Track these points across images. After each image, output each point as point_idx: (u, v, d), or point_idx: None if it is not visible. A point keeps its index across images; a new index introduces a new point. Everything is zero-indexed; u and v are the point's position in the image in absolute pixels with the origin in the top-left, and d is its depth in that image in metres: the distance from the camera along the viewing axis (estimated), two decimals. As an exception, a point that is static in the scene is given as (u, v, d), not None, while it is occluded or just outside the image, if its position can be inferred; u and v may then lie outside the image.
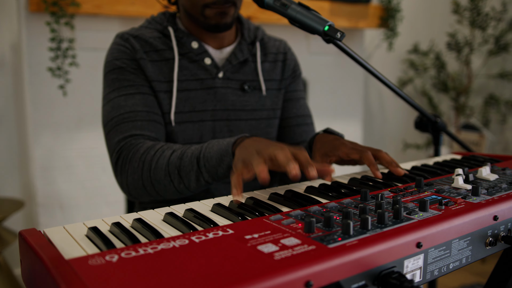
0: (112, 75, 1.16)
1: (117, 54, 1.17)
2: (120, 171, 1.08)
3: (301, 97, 1.37)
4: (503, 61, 3.27)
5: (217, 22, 1.15)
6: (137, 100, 1.13)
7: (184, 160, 0.98)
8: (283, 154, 0.79)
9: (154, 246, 0.56)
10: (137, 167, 1.04)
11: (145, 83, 1.16)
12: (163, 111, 1.17)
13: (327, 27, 1.00)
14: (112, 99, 1.14)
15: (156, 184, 1.03)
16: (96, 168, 2.63)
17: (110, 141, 1.12)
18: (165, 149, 1.03)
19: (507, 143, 3.31)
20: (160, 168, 1.01)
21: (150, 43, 1.18)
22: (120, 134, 1.10)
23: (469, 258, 0.72)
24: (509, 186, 0.83)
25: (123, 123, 1.10)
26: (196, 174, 0.97)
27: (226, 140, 0.94)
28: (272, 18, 2.68)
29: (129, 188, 1.08)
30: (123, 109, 1.12)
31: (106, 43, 2.53)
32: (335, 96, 3.19)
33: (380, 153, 0.99)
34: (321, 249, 0.55)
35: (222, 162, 0.93)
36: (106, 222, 0.70)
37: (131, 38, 1.18)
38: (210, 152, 0.95)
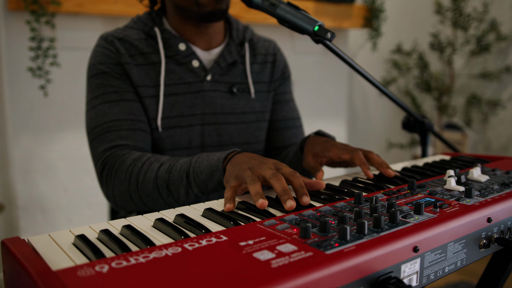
0: (96, 80, 1.13)
1: (101, 57, 1.13)
2: (106, 182, 1.06)
3: (290, 99, 1.36)
4: (484, 61, 3.31)
5: (212, 9, 1.11)
6: (122, 107, 1.10)
7: (173, 174, 0.96)
8: (279, 184, 0.76)
9: (146, 255, 0.54)
10: (124, 179, 1.02)
11: (130, 89, 1.12)
12: (150, 117, 1.14)
13: (317, 27, 0.99)
14: (96, 105, 1.11)
15: (144, 197, 1.01)
16: (79, 170, 2.58)
17: (95, 150, 1.09)
18: (153, 162, 1.00)
19: (488, 142, 3.36)
20: (148, 181, 0.99)
21: (135, 46, 1.15)
22: (105, 143, 1.07)
23: (464, 261, 0.71)
24: (501, 187, 0.83)
25: (108, 132, 1.08)
26: (186, 188, 0.95)
27: (216, 155, 0.92)
28: (257, 18, 2.66)
29: (116, 199, 1.06)
30: (108, 117, 1.09)
31: (88, 43, 2.49)
32: (320, 96, 3.19)
33: (371, 154, 0.99)
34: (319, 256, 0.54)
35: (212, 177, 0.91)
36: (93, 229, 0.67)
37: (115, 40, 1.14)
38: (200, 166, 0.93)
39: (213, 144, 1.20)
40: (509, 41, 3.15)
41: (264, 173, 0.80)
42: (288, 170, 0.82)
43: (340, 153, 0.99)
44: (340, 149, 1.00)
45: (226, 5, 1.14)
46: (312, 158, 1.03)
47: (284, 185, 0.76)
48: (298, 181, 0.79)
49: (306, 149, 1.08)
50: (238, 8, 2.57)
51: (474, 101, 3.29)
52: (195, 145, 1.18)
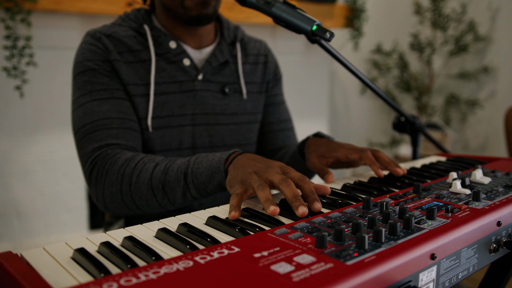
0: (83, 77, 1.07)
1: (88, 54, 1.08)
2: (96, 182, 1.00)
3: (282, 101, 1.33)
4: (462, 61, 3.36)
5: (198, 13, 1.08)
6: (112, 105, 1.05)
7: (169, 175, 0.91)
8: (289, 190, 0.74)
9: (156, 270, 0.50)
10: (116, 180, 0.97)
11: (119, 86, 1.08)
12: (139, 117, 1.09)
13: (315, 26, 0.96)
14: (84, 103, 1.05)
15: (137, 199, 0.96)
16: (56, 173, 2.50)
17: (83, 150, 1.03)
18: (147, 162, 0.95)
19: (467, 141, 3.41)
20: (142, 182, 0.94)
21: (124, 42, 1.10)
22: (94, 142, 1.02)
23: (475, 266, 0.70)
24: (505, 190, 0.82)
25: (97, 131, 1.02)
26: (183, 190, 0.90)
27: (217, 156, 0.88)
28: (239, 17, 2.63)
29: (106, 201, 1.00)
30: (97, 116, 1.04)
31: (66, 42, 2.41)
32: (302, 95, 3.18)
33: (378, 153, 0.98)
34: (340, 267, 0.51)
35: (212, 179, 0.87)
36: (91, 241, 0.63)
37: (103, 37, 1.09)
38: (199, 168, 0.88)
39: (204, 146, 1.16)
40: (486, 42, 3.20)
41: (272, 177, 0.77)
42: (296, 174, 0.79)
43: (348, 153, 0.98)
44: (348, 149, 0.98)
45: (213, 10, 1.10)
46: (317, 159, 1.01)
47: (295, 191, 0.74)
48: (309, 187, 0.76)
49: (309, 151, 1.05)
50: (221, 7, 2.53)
51: (453, 100, 3.33)
52: (186, 146, 1.14)
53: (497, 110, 3.16)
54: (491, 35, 3.18)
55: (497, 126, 3.17)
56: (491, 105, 3.21)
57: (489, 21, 3.18)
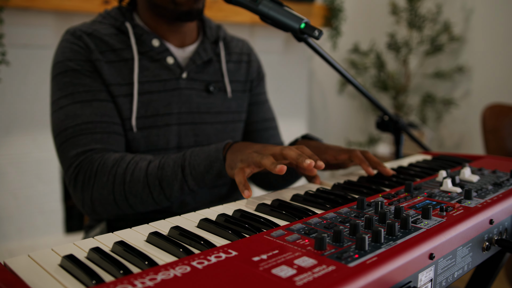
0: (64, 77, 1.03)
1: (69, 53, 1.04)
2: (82, 187, 0.97)
3: (266, 100, 1.33)
4: (438, 61, 3.41)
5: (189, 8, 1.06)
6: (95, 108, 1.02)
7: (165, 169, 0.92)
8: (293, 152, 0.79)
9: (152, 277, 0.47)
10: (107, 181, 0.95)
11: (102, 87, 1.04)
12: (123, 117, 1.06)
13: (304, 24, 0.95)
14: (65, 105, 1.02)
15: (131, 198, 0.95)
16: (30, 175, 2.42)
17: (65, 154, 1.00)
18: (138, 161, 0.96)
19: (442, 140, 3.46)
20: (137, 180, 0.93)
21: (106, 41, 1.06)
22: (78, 147, 0.99)
23: (469, 265, 0.70)
24: (495, 188, 0.82)
25: (81, 135, 1.00)
26: (180, 183, 0.92)
27: (213, 147, 0.91)
28: (218, 16, 2.60)
29: (94, 205, 0.97)
30: (80, 119, 1.00)
31: (39, 40, 2.34)
32: (280, 95, 3.17)
33: (367, 153, 0.99)
34: (343, 270, 0.50)
35: (211, 168, 0.90)
36: (79, 247, 0.60)
37: (84, 35, 1.05)
38: (197, 159, 0.91)
39: (189, 145, 1.14)
40: (461, 42, 3.26)
41: (273, 151, 0.82)
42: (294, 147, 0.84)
43: (336, 154, 0.99)
44: (336, 151, 1.00)
45: (202, 5, 1.09)
46: None
47: (297, 151, 0.79)
48: (307, 151, 0.82)
49: None
50: (199, 6, 2.50)
51: (429, 100, 3.38)
52: (172, 146, 1.12)
53: (471, 109, 3.22)
54: (465, 35, 3.24)
55: (471, 125, 3.23)
56: (465, 104, 3.27)
57: (463, 21, 3.24)
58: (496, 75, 3.08)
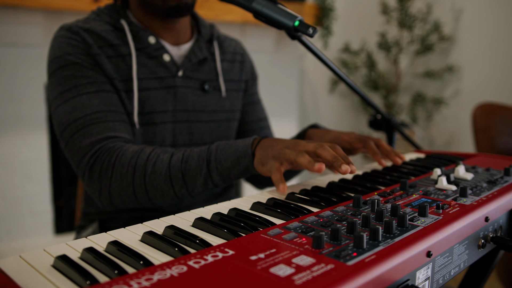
0: (65, 71, 1.01)
1: (68, 48, 1.02)
2: (99, 178, 0.95)
3: (259, 100, 1.34)
4: (428, 60, 3.43)
5: (178, 3, 1.05)
6: (102, 98, 1.00)
7: (190, 163, 0.91)
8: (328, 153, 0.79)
9: (148, 277, 0.46)
10: (126, 172, 0.93)
11: (106, 79, 1.03)
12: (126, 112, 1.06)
13: (298, 22, 0.94)
14: (70, 98, 0.99)
15: (152, 190, 0.93)
16: (18, 176, 2.39)
17: (78, 144, 0.97)
18: (160, 153, 0.94)
19: (432, 139, 3.48)
20: (159, 173, 0.92)
21: (103, 37, 1.05)
22: (91, 136, 0.96)
23: (466, 263, 0.70)
24: (489, 185, 0.83)
25: (93, 125, 0.97)
26: (205, 177, 0.91)
27: (240, 142, 0.91)
28: (209, 14, 2.59)
29: (112, 196, 0.95)
30: (89, 109, 0.98)
31: (28, 38, 2.31)
32: (271, 94, 3.16)
33: (380, 142, 1.03)
34: (342, 268, 0.49)
35: (238, 164, 0.89)
36: (72, 247, 0.59)
37: (81, 31, 1.04)
38: (223, 154, 0.90)
39: (184, 143, 1.13)
40: (451, 42, 3.28)
41: (306, 147, 0.81)
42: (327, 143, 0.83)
43: (352, 141, 1.04)
44: (352, 137, 1.05)
45: (192, 0, 1.08)
46: None
47: (332, 152, 0.79)
48: (341, 152, 0.82)
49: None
50: (190, 4, 2.48)
51: (419, 99, 3.39)
52: (168, 143, 1.11)
53: (461, 108, 3.24)
54: (455, 35, 3.26)
55: (461, 124, 3.25)
56: (455, 103, 3.29)
57: (453, 21, 3.26)
58: (486, 74, 3.10)
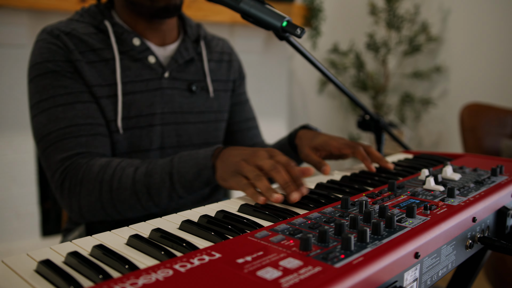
0: (44, 80, 1.00)
1: (48, 54, 1.01)
2: (69, 193, 0.95)
3: (247, 100, 1.33)
4: (416, 61, 3.45)
5: (166, 4, 1.04)
6: (78, 111, 0.99)
7: (153, 177, 0.90)
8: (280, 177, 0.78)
9: (133, 281, 0.46)
10: (93, 188, 0.93)
11: (84, 88, 1.01)
12: (106, 119, 1.04)
13: (285, 22, 0.94)
14: (46, 109, 0.98)
15: (119, 205, 0.93)
16: (4, 178, 2.36)
17: (50, 159, 0.97)
18: (125, 167, 0.93)
19: (421, 139, 3.50)
20: (124, 187, 0.91)
21: (85, 41, 1.03)
22: (63, 152, 0.96)
23: (453, 263, 0.69)
24: (476, 186, 0.83)
25: (65, 139, 0.97)
26: (169, 190, 0.90)
27: (201, 153, 0.89)
28: (197, 15, 2.58)
29: (82, 211, 0.95)
30: (63, 123, 0.97)
31: (13, 39, 2.28)
32: (260, 95, 3.16)
33: (369, 149, 1.02)
34: (329, 271, 0.49)
35: (199, 176, 0.88)
36: (56, 251, 0.58)
37: (62, 35, 1.02)
38: (185, 166, 0.88)
39: (172, 145, 1.12)
40: (438, 42, 3.30)
41: (262, 163, 0.80)
42: (283, 158, 0.82)
43: (341, 148, 1.02)
44: (341, 144, 1.02)
45: (180, 1, 1.07)
46: (312, 152, 1.05)
47: (285, 177, 0.78)
48: (294, 172, 0.80)
49: (302, 143, 1.08)
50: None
51: (408, 99, 3.41)
52: (155, 147, 1.10)
53: (449, 108, 3.27)
54: (442, 35, 3.29)
55: (449, 124, 3.28)
56: (443, 103, 3.31)
57: (441, 22, 3.29)
58: (473, 74, 3.13)
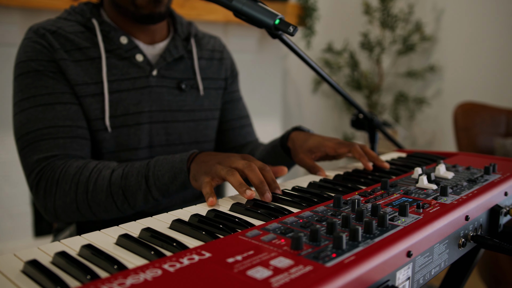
0: (26, 79, 0.99)
1: (32, 53, 1.00)
2: (44, 194, 0.95)
3: (240, 98, 1.32)
4: (410, 60, 3.45)
5: (150, 12, 1.04)
6: (58, 112, 0.98)
7: (129, 179, 0.89)
8: (255, 175, 0.78)
9: (121, 281, 0.45)
10: (69, 189, 0.92)
11: (66, 89, 1.01)
12: (92, 118, 1.03)
13: (278, 20, 0.93)
14: (27, 108, 0.98)
15: (95, 206, 0.92)
16: (-3, 177, 2.34)
17: (27, 159, 0.97)
18: (102, 169, 0.92)
19: (415, 138, 3.51)
20: (100, 189, 0.91)
21: (71, 40, 1.03)
22: (40, 153, 0.96)
23: (446, 262, 0.69)
24: (469, 184, 0.83)
25: (43, 140, 0.96)
26: (144, 193, 0.89)
27: (177, 157, 0.89)
28: (191, 14, 2.57)
29: (58, 212, 0.95)
30: (42, 123, 0.97)
31: (5, 38, 2.26)
32: (254, 94, 3.16)
33: (365, 148, 1.01)
34: (320, 270, 0.48)
35: (175, 179, 0.87)
36: (44, 251, 0.57)
37: (48, 34, 1.01)
38: (161, 170, 0.88)
39: (161, 144, 1.11)
40: (432, 42, 3.31)
41: (236, 164, 0.80)
42: (258, 162, 0.82)
43: (337, 148, 1.01)
44: (336, 144, 1.01)
45: (165, 8, 1.07)
46: (306, 155, 1.04)
47: (260, 177, 0.77)
48: (270, 175, 0.80)
49: (295, 146, 1.06)
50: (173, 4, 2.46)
51: (402, 99, 3.42)
52: (143, 145, 1.09)
53: (443, 107, 3.27)
54: (436, 35, 3.29)
55: (443, 123, 3.29)
56: (437, 102, 3.32)
57: (434, 21, 3.29)
58: (467, 74, 3.13)
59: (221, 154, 0.85)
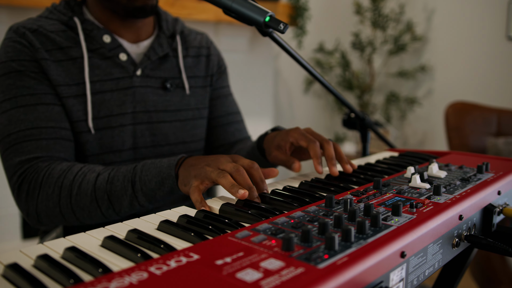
0: (7, 79, 0.97)
1: (12, 53, 0.97)
2: (26, 197, 0.92)
3: (229, 94, 1.29)
4: (401, 60, 3.46)
5: (143, 4, 1.01)
6: (40, 113, 0.96)
7: (115, 184, 0.87)
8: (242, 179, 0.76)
9: (105, 285, 0.43)
10: (52, 193, 0.89)
11: (48, 90, 0.98)
12: (73, 120, 1.00)
13: (268, 17, 0.92)
14: (8, 110, 0.95)
15: (79, 211, 0.90)
16: (-16, 179, 2.30)
17: (9, 161, 0.94)
18: (87, 172, 0.90)
19: (406, 138, 3.51)
20: (84, 193, 0.88)
21: (52, 39, 1.00)
22: (22, 155, 0.93)
23: (440, 262, 0.68)
24: (463, 183, 0.82)
25: (25, 142, 0.94)
26: (130, 198, 0.87)
27: (165, 162, 0.86)
28: (182, 13, 2.54)
29: (40, 216, 0.92)
30: (24, 125, 0.94)
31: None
32: (246, 94, 3.14)
33: (327, 144, 0.91)
34: (312, 271, 0.47)
35: (162, 185, 0.84)
36: (26, 254, 0.55)
37: (28, 33, 0.99)
38: (148, 175, 0.85)
39: (146, 145, 1.09)
40: (423, 42, 3.31)
41: (224, 166, 0.78)
42: (246, 161, 0.81)
43: (298, 138, 0.93)
44: (299, 134, 0.93)
45: (156, 1, 1.05)
46: (277, 150, 0.99)
47: (248, 182, 0.76)
48: (258, 174, 0.80)
49: (268, 145, 1.02)
50: (163, 3, 2.44)
51: (393, 98, 3.42)
52: (128, 147, 1.06)
53: (434, 107, 3.28)
54: (427, 35, 3.30)
55: (434, 123, 3.29)
56: (428, 102, 3.32)
57: (425, 21, 3.30)
58: (458, 73, 3.14)
59: (209, 157, 0.83)
